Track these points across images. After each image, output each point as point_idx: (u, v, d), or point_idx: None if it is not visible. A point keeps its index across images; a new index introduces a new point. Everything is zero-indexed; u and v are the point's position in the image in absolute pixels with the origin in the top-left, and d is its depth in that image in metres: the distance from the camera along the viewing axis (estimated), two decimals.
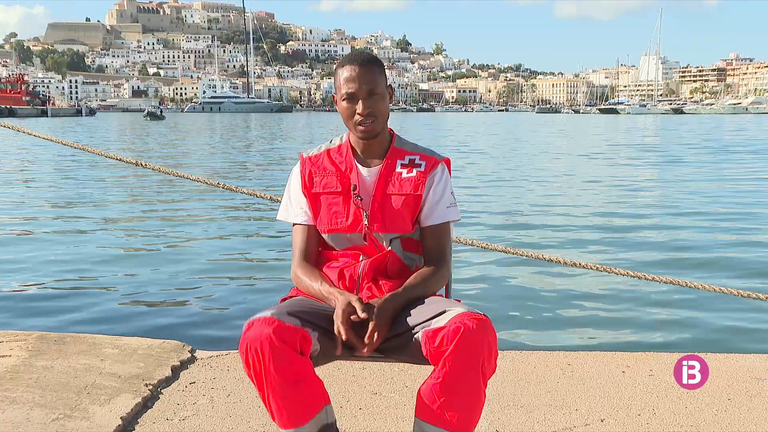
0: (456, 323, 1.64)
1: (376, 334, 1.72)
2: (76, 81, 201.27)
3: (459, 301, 1.86)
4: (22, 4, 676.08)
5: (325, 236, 1.99)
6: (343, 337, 1.72)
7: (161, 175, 15.12)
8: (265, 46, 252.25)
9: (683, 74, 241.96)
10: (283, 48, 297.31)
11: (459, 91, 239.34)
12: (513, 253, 3.52)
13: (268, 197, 3.74)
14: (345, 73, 1.89)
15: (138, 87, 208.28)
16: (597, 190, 13.04)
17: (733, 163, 19.29)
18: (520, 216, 9.80)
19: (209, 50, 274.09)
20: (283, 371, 1.65)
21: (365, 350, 1.72)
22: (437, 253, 1.97)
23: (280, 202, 2.09)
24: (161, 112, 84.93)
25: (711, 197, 11.81)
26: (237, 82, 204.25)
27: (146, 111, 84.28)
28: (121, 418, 2.41)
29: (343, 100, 1.90)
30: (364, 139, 1.94)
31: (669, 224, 9.06)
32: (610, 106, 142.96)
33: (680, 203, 11.10)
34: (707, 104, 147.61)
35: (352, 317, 1.74)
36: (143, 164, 3.64)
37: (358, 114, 1.89)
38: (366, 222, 1.93)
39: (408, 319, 1.79)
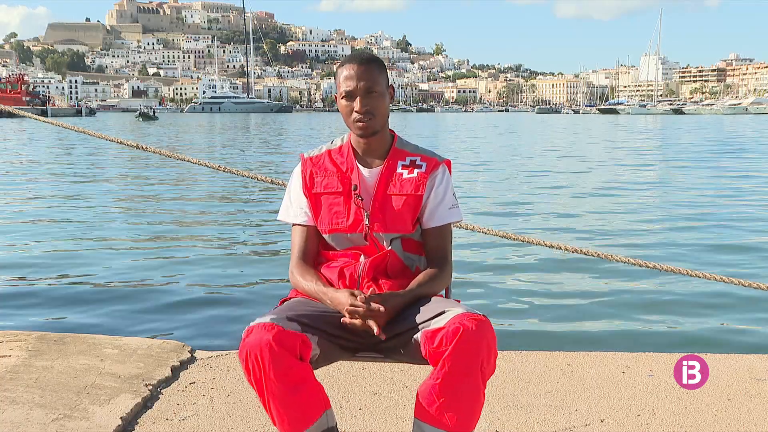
0: (455, 324, 1.64)
1: (381, 308, 1.73)
2: (76, 81, 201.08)
3: (459, 301, 1.86)
4: (24, 5, 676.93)
5: (326, 236, 1.99)
6: (359, 314, 1.74)
7: (161, 176, 15.13)
8: (265, 47, 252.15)
9: (683, 75, 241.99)
10: (283, 48, 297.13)
11: (459, 92, 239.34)
12: (513, 239, 3.51)
13: (269, 180, 3.75)
14: (345, 71, 1.90)
15: (138, 87, 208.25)
16: (597, 187, 13.05)
17: (736, 161, 19.31)
18: (519, 214, 9.80)
19: (209, 50, 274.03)
20: (283, 377, 1.65)
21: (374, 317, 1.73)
22: (439, 254, 1.98)
23: (281, 188, 2.10)
24: (154, 112, 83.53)
25: (710, 194, 11.83)
26: (237, 82, 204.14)
27: (138, 111, 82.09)
28: (120, 418, 2.41)
29: (342, 97, 1.91)
30: (362, 137, 1.94)
31: (669, 217, 9.06)
32: (610, 107, 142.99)
33: (680, 199, 11.11)
34: (707, 104, 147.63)
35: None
36: (144, 147, 3.64)
37: (356, 112, 1.89)
38: (366, 222, 1.93)
39: (407, 319, 1.79)
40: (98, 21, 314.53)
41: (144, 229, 8.65)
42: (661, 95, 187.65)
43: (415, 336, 1.76)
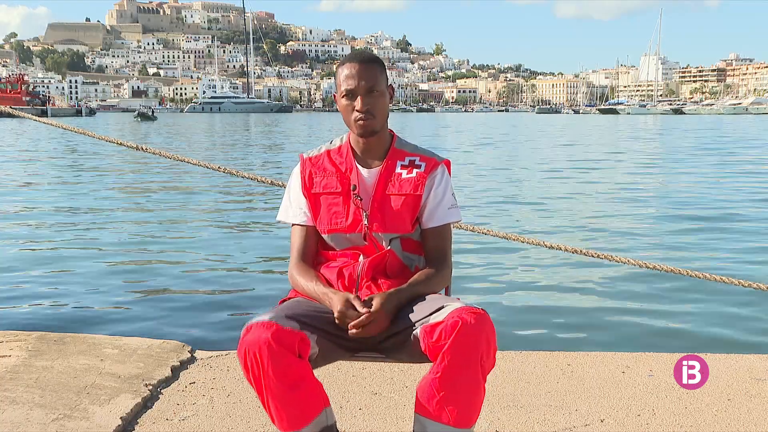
0: (454, 317, 1.65)
1: (377, 310, 1.74)
2: (76, 81, 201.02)
3: (459, 299, 1.86)
4: (24, 5, 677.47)
5: (325, 236, 1.99)
6: (356, 323, 1.73)
7: (161, 176, 15.14)
8: (265, 47, 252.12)
9: (683, 75, 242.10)
10: (283, 48, 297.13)
11: (459, 92, 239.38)
12: (513, 239, 3.51)
13: (269, 182, 3.75)
14: (345, 70, 1.90)
15: (138, 87, 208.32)
16: (597, 187, 13.04)
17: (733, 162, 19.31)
18: (519, 214, 9.80)
19: (209, 50, 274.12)
20: (281, 375, 1.65)
21: (364, 323, 1.74)
22: (439, 254, 1.98)
23: (281, 189, 2.10)
24: (153, 112, 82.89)
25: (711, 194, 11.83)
26: (237, 82, 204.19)
27: (137, 111, 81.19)
28: (120, 418, 2.41)
29: (343, 96, 1.91)
30: (363, 136, 1.94)
31: (669, 217, 9.06)
32: (610, 107, 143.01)
33: (680, 199, 11.11)
34: (707, 104, 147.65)
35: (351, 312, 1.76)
36: (143, 148, 3.64)
37: (357, 111, 1.89)
38: (366, 222, 1.93)
39: (407, 317, 1.79)
40: (98, 21, 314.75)
41: (144, 230, 8.65)
42: (661, 95, 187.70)
43: (414, 332, 1.76)
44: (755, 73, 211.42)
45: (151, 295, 5.52)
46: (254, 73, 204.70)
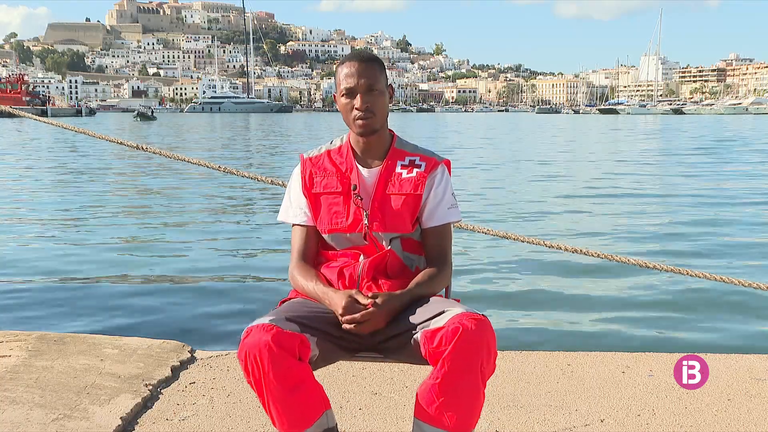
0: (455, 323, 1.64)
1: (381, 305, 1.76)
2: (76, 81, 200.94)
3: (458, 300, 1.86)
4: (25, 5, 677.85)
5: (325, 236, 1.99)
6: (353, 317, 1.75)
7: (161, 178, 15.13)
8: (265, 47, 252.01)
9: (683, 75, 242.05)
10: (283, 48, 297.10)
11: (459, 92, 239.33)
12: (513, 239, 3.51)
13: (269, 181, 3.75)
14: (345, 69, 1.91)
15: (138, 87, 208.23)
16: (597, 187, 13.05)
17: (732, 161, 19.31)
18: (521, 214, 9.80)
19: (209, 50, 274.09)
20: (282, 378, 1.65)
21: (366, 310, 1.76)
22: (439, 254, 1.98)
23: (281, 189, 2.10)
24: (152, 112, 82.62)
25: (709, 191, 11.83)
26: (237, 82, 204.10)
27: (136, 111, 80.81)
28: (120, 418, 2.41)
29: (342, 95, 1.91)
30: (363, 135, 1.94)
31: (669, 217, 9.06)
32: (610, 107, 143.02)
33: (680, 199, 11.11)
34: (707, 104, 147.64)
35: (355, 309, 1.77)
36: (143, 147, 3.64)
37: (356, 109, 1.89)
38: (366, 221, 1.93)
39: (407, 319, 1.79)
40: (98, 21, 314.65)
41: (144, 230, 8.65)
42: (661, 95, 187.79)
43: (414, 336, 1.76)
44: (755, 73, 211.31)
45: (151, 295, 5.53)
46: (254, 73, 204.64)
